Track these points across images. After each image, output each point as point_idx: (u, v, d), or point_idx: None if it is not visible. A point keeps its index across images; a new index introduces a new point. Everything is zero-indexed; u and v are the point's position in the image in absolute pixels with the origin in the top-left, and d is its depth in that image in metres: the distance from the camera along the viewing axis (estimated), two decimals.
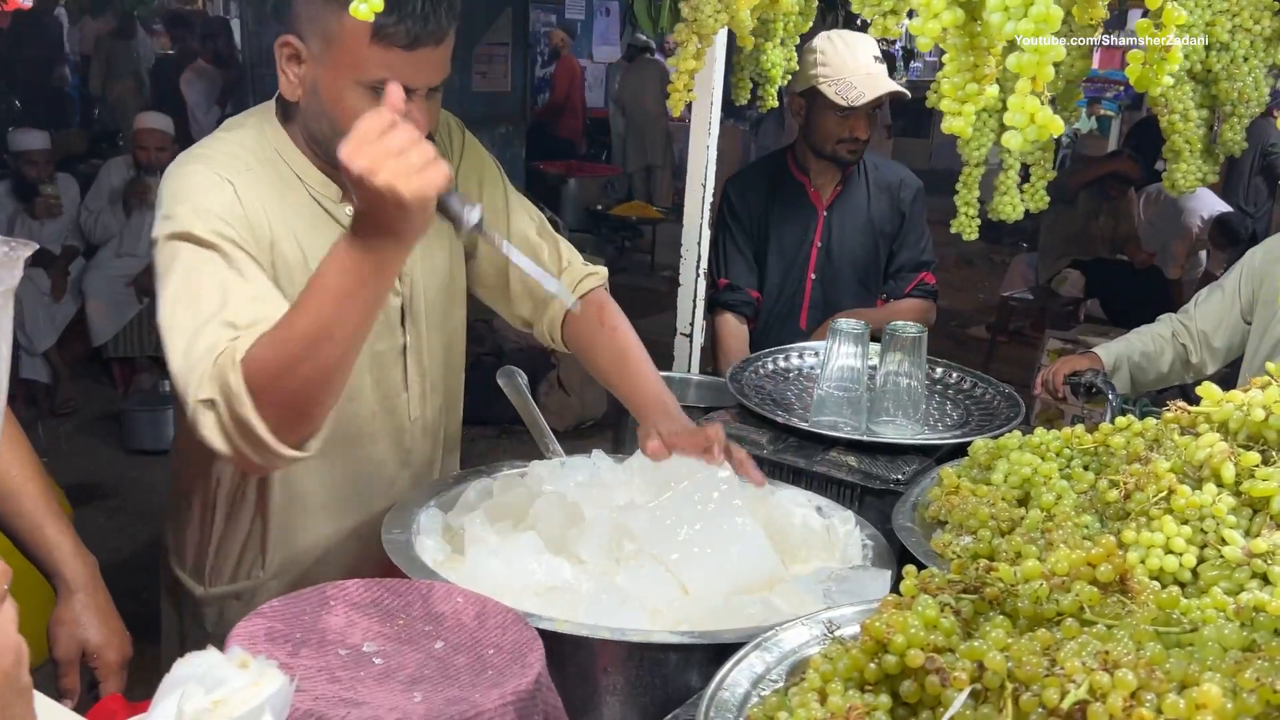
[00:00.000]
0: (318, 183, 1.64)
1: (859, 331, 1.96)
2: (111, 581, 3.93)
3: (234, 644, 1.06)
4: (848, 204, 2.88)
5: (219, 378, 1.35)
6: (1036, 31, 0.98)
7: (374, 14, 1.17)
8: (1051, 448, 1.62)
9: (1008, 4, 0.97)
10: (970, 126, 1.35)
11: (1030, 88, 1.03)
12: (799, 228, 2.87)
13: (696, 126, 2.35)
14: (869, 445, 1.91)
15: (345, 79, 1.49)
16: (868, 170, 2.90)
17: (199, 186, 1.53)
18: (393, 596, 1.27)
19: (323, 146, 1.59)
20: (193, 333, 1.39)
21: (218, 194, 1.53)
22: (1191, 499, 1.33)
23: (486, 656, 1.16)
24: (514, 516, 1.51)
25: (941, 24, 1.10)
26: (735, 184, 2.96)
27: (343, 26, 1.45)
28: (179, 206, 1.51)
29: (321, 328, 1.33)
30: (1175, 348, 2.66)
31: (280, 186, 1.60)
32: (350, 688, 1.08)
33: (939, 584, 1.07)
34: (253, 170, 1.58)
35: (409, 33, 1.45)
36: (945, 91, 1.33)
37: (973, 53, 1.21)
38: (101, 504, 4.59)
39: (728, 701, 1.03)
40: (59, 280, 5.54)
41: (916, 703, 0.91)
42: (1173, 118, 2.22)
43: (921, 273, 2.95)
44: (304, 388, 1.36)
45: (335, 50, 1.49)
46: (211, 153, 1.59)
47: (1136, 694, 0.82)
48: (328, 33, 1.48)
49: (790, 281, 2.89)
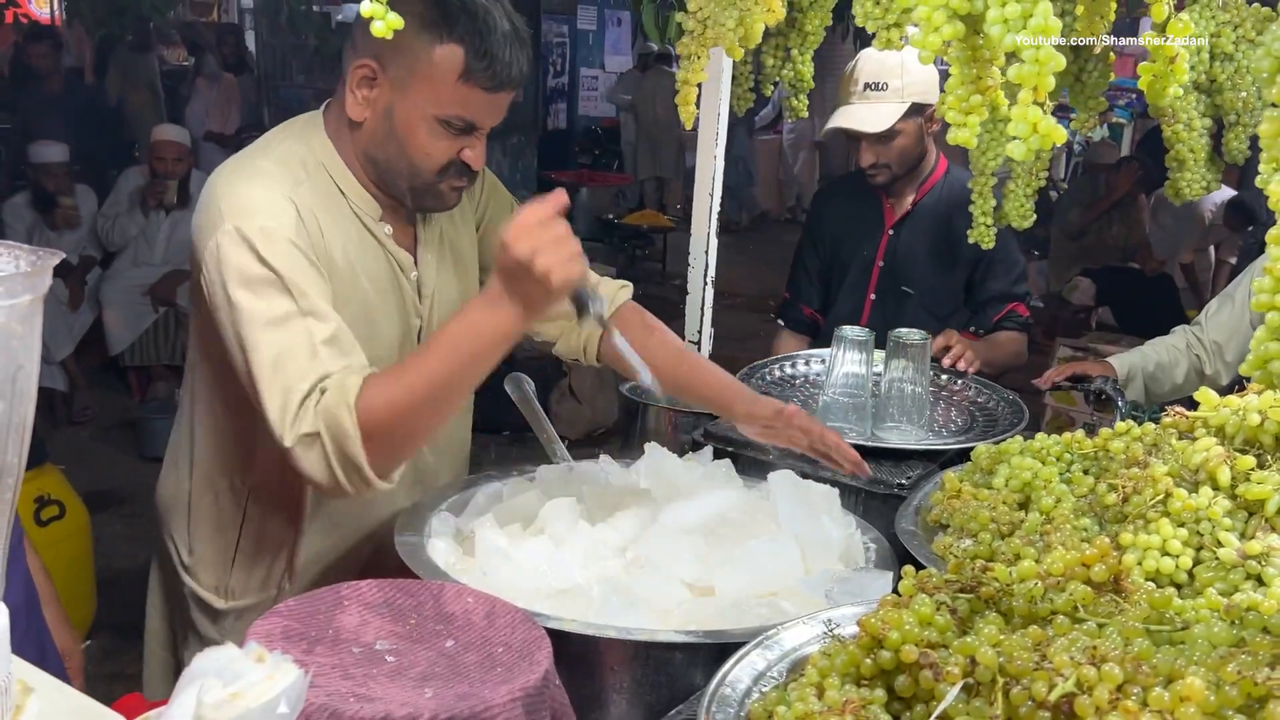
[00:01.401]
0: (359, 199, 1.67)
1: (863, 339, 1.99)
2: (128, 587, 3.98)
3: (251, 641, 1.09)
4: (918, 224, 2.75)
5: (327, 415, 1.43)
6: (1037, 43, 1.00)
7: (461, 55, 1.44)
8: (1052, 452, 1.64)
9: (1007, 16, 1.00)
10: (975, 137, 1.38)
11: (1032, 97, 1.06)
12: (865, 245, 2.78)
13: (704, 136, 2.38)
14: (873, 450, 1.93)
15: (424, 110, 1.56)
16: (954, 186, 2.72)
17: (264, 203, 1.55)
18: (405, 596, 1.30)
19: (378, 167, 1.64)
20: (288, 388, 1.45)
21: (283, 213, 1.55)
22: (1188, 502, 1.35)
23: (496, 654, 1.19)
24: (523, 520, 1.54)
25: (942, 37, 1.13)
26: (820, 197, 2.94)
27: (432, 62, 1.53)
28: (247, 222, 1.52)
29: (446, 383, 1.45)
30: (1189, 359, 2.67)
31: (327, 199, 1.64)
32: (363, 684, 1.12)
33: (936, 583, 1.10)
34: (303, 184, 1.61)
35: (495, 77, 1.55)
36: (950, 104, 1.36)
37: (975, 65, 1.24)
38: (118, 510, 4.64)
39: (729, 697, 1.06)
40: (76, 290, 5.61)
41: (911, 697, 0.94)
42: (1177, 127, 2.25)
43: (1011, 303, 2.76)
44: (415, 432, 1.48)
45: (419, 82, 1.55)
46: (269, 164, 1.62)
47: (1123, 687, 0.85)
48: (414, 65, 1.54)
49: (851, 299, 2.80)
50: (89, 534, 3.58)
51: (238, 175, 1.61)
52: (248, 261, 1.50)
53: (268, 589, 1.81)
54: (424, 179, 1.63)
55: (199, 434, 1.80)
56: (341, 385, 1.44)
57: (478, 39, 1.53)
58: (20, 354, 0.76)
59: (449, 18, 1.52)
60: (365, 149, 1.64)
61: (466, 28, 1.53)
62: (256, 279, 1.50)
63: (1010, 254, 2.74)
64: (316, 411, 1.43)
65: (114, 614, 3.75)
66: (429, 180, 1.63)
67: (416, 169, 1.62)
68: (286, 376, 1.45)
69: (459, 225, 1.85)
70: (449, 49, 1.53)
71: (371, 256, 1.67)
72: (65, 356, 5.52)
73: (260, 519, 1.77)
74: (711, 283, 2.45)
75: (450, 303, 1.82)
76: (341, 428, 1.42)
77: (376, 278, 1.68)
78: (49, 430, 5.24)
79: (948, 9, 1.07)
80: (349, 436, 1.42)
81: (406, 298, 1.74)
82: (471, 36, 1.53)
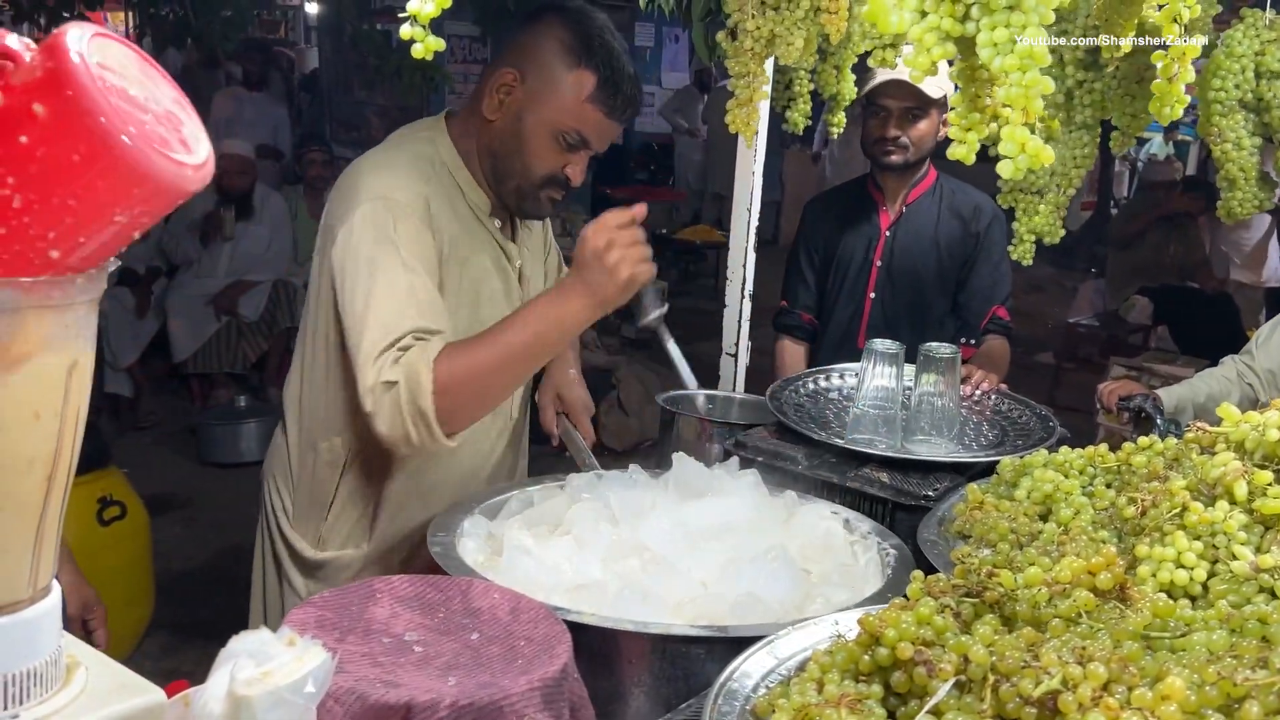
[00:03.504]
0: (475, 195, 1.91)
1: (894, 352, 2.02)
2: (186, 588, 4.11)
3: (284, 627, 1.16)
4: (913, 224, 2.86)
5: (408, 369, 1.63)
6: (1022, 66, 1.04)
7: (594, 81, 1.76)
8: (1076, 466, 1.67)
9: (996, 40, 1.04)
10: (974, 154, 1.42)
11: (1022, 119, 1.10)
12: (862, 246, 2.87)
13: (742, 152, 2.43)
14: (902, 462, 1.96)
15: (549, 121, 1.81)
16: (943, 193, 2.87)
17: (399, 187, 1.79)
18: (434, 591, 1.36)
19: (495, 160, 1.88)
20: (385, 326, 1.66)
21: (415, 199, 1.79)
22: (1204, 515, 1.36)
23: (518, 647, 1.25)
24: (550, 522, 1.60)
25: (932, 58, 1.17)
26: (813, 205, 3.05)
27: (567, 81, 1.80)
28: (385, 201, 1.76)
29: (515, 356, 1.67)
30: (1242, 388, 2.66)
31: (448, 194, 1.87)
32: (390, 671, 1.18)
33: (942, 588, 1.13)
34: (431, 180, 1.85)
35: (614, 107, 1.82)
36: (952, 120, 1.40)
37: (974, 85, 1.28)
38: (177, 514, 4.77)
39: (737, 691, 1.10)
40: (143, 299, 5.77)
41: (906, 693, 0.98)
42: (1225, 146, 2.25)
43: (993, 306, 2.87)
44: (481, 395, 1.70)
45: (551, 96, 1.80)
46: (403, 160, 1.86)
47: (1108, 686, 0.88)
48: (552, 80, 1.80)
49: (851, 300, 2.89)
50: (149, 535, 3.70)
51: (377, 167, 1.85)
52: (383, 229, 1.74)
53: (348, 546, 1.97)
54: (531, 181, 1.86)
55: (305, 397, 1.98)
56: (425, 345, 1.65)
57: (609, 70, 1.79)
58: (76, 350, 0.83)
59: (589, 49, 1.79)
60: (489, 145, 1.87)
61: (601, 60, 1.79)
62: (385, 241, 1.73)
63: (993, 253, 2.85)
64: (399, 363, 1.63)
65: (172, 614, 3.87)
66: (534, 184, 1.87)
67: (528, 170, 1.85)
68: (384, 323, 1.66)
69: (537, 255, 2.12)
70: (584, 74, 1.79)
71: (482, 245, 1.92)
72: (131, 363, 5.68)
73: (353, 479, 1.95)
74: (749, 296, 2.50)
75: (541, 283, 2.06)
76: (419, 380, 1.61)
77: (486, 264, 1.92)
78: (114, 434, 5.40)
79: (939, 31, 1.11)
80: (424, 389, 1.61)
81: (511, 284, 1.98)
82: (605, 68, 1.79)
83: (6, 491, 0.80)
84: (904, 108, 2.70)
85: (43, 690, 0.85)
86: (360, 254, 1.73)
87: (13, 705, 0.83)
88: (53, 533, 0.86)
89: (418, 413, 1.62)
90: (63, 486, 0.85)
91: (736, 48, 1.89)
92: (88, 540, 3.30)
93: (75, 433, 0.85)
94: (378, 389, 1.63)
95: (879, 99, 2.71)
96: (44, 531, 0.84)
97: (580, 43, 1.79)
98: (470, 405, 1.68)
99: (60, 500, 0.85)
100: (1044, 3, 1.02)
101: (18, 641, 0.83)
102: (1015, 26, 1.02)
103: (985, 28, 1.04)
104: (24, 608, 0.83)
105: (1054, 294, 9.40)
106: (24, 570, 0.83)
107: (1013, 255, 2.45)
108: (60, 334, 0.81)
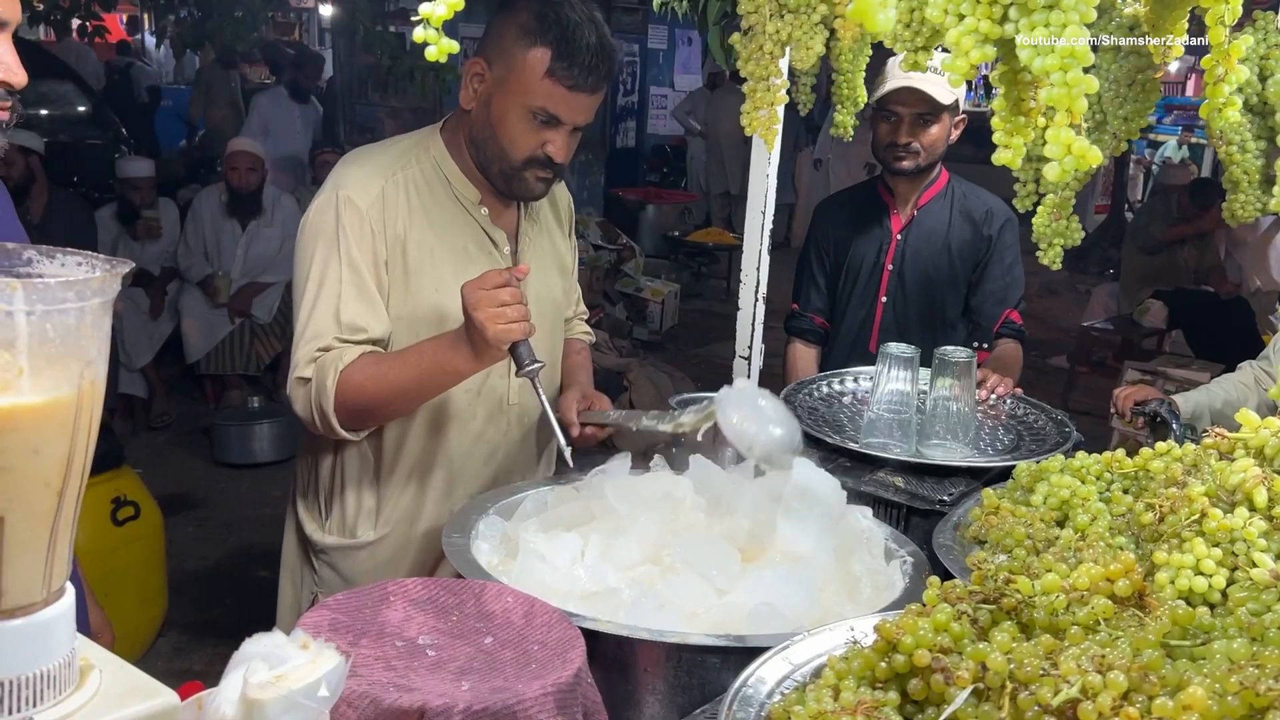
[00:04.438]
0: (461, 185, 1.98)
1: (909, 356, 2.01)
2: (199, 588, 4.12)
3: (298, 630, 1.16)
4: (925, 228, 2.83)
5: (319, 371, 1.81)
6: (1063, 66, 1.02)
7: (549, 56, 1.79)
8: (1092, 471, 1.65)
9: (1035, 41, 1.02)
10: (1020, 159, 1.41)
11: (1067, 120, 1.08)
12: (873, 250, 2.86)
13: (756, 154, 2.42)
14: (917, 467, 1.95)
15: (514, 101, 1.86)
16: (954, 197, 2.85)
17: (355, 179, 1.90)
18: (448, 594, 1.36)
19: (476, 148, 1.94)
20: (318, 321, 1.83)
21: (367, 191, 1.89)
22: (1223, 522, 1.35)
23: (531, 651, 1.24)
24: (566, 525, 1.60)
25: (970, 61, 1.15)
26: (823, 208, 3.04)
27: (524, 61, 1.83)
28: (339, 191, 1.88)
29: (403, 389, 1.83)
30: (1258, 394, 2.63)
31: (429, 183, 1.95)
32: (404, 675, 1.17)
33: (959, 594, 1.12)
34: (408, 170, 1.94)
35: (573, 78, 1.84)
36: (996, 125, 1.39)
37: (1016, 88, 1.27)
38: (190, 514, 4.78)
39: (752, 698, 1.09)
40: (157, 300, 5.79)
41: (923, 700, 0.97)
42: (1230, 149, 2.23)
43: (1006, 310, 2.84)
44: (373, 414, 1.87)
45: (513, 77, 1.85)
46: (380, 154, 1.97)
47: (1128, 695, 0.87)
48: (511, 62, 1.85)
49: (863, 304, 2.88)
50: (162, 535, 3.71)
51: (352, 159, 1.97)
52: (334, 221, 1.86)
53: (356, 534, 2.02)
54: (511, 163, 1.91)
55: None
56: (341, 352, 1.81)
57: (564, 45, 1.82)
58: (90, 351, 0.83)
59: (543, 26, 1.83)
60: (470, 134, 1.94)
61: (555, 35, 1.82)
62: (335, 235, 1.86)
63: (1005, 256, 2.83)
64: (314, 363, 1.82)
65: (184, 614, 3.88)
66: (515, 165, 1.91)
67: (505, 153, 1.90)
68: (316, 325, 1.83)
69: (556, 233, 2.16)
70: (539, 50, 1.83)
71: (466, 234, 1.97)
72: (145, 364, 5.70)
73: (355, 465, 2.01)
74: (763, 299, 2.49)
75: (554, 297, 2.13)
76: (324, 384, 1.80)
77: (467, 251, 1.97)
78: (128, 434, 5.42)
79: (978, 34, 1.09)
80: (327, 393, 1.80)
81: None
82: (558, 43, 1.82)
83: (20, 495, 0.80)
84: (915, 113, 2.68)
85: (56, 693, 0.84)
86: (312, 243, 1.88)
87: (26, 708, 0.83)
88: (66, 535, 0.86)
89: (320, 410, 1.81)
90: (76, 490, 0.85)
91: (753, 50, 1.87)
92: (101, 540, 3.31)
93: (89, 436, 0.84)
94: (295, 383, 1.84)
95: (890, 104, 2.69)
96: (58, 534, 0.84)
97: (535, 20, 1.83)
98: (364, 417, 1.86)
99: (74, 503, 0.85)
100: (1084, 1, 1.00)
101: (31, 644, 0.83)
102: (1055, 26, 1.00)
103: (1024, 29, 1.03)
104: (38, 610, 0.83)
105: (1068, 297, 9.36)
106: (38, 573, 0.83)
107: (1041, 260, 2.42)
108: (73, 336, 0.81)
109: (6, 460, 0.78)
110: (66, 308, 0.79)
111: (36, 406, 0.79)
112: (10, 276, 0.85)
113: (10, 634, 0.81)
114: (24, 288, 0.77)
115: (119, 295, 0.86)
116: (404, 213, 1.91)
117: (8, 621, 0.81)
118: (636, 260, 7.92)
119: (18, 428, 0.78)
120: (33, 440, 0.79)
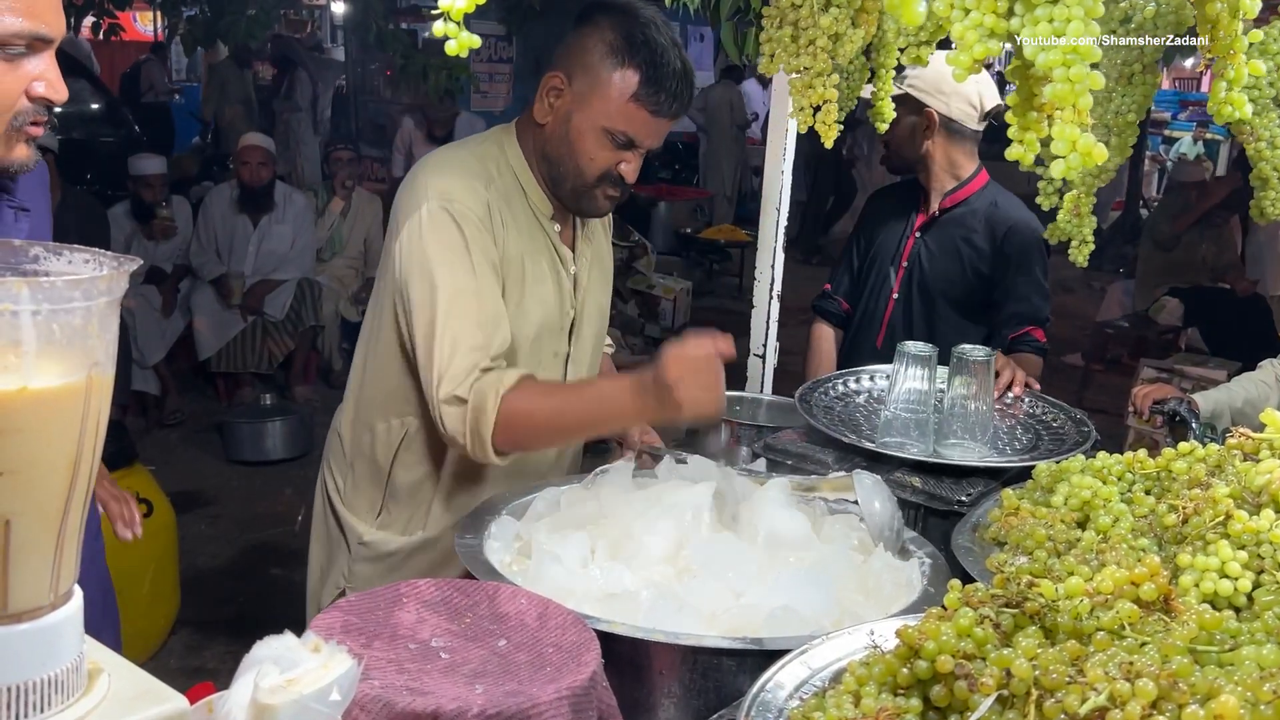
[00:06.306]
0: (536, 197, 1.96)
1: (926, 354, 1.98)
2: (211, 585, 4.12)
3: (309, 632, 1.14)
4: (944, 231, 2.75)
5: (478, 395, 1.74)
6: (1067, 62, 1.01)
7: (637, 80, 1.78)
8: (1114, 472, 1.63)
9: (1039, 35, 1.00)
10: (1033, 154, 1.38)
11: (1073, 117, 1.06)
12: (894, 243, 2.83)
13: (771, 152, 2.40)
14: (934, 467, 1.93)
15: (596, 121, 1.84)
16: (985, 204, 2.72)
17: (462, 190, 1.85)
18: (461, 596, 1.34)
19: (550, 165, 1.92)
20: (456, 339, 1.77)
21: (477, 203, 1.85)
22: (1249, 524, 1.33)
23: (546, 654, 1.23)
24: (579, 525, 1.58)
25: (974, 56, 1.13)
26: (874, 197, 3.05)
27: (610, 81, 1.82)
28: (449, 203, 1.83)
29: (576, 425, 1.86)
30: (1279, 393, 2.61)
31: (510, 195, 1.93)
32: (417, 678, 1.16)
33: (981, 598, 1.10)
34: (494, 182, 1.91)
35: (658, 104, 1.83)
36: (1009, 120, 1.36)
37: (1027, 83, 1.24)
38: (202, 512, 4.78)
39: (770, 703, 1.08)
40: (169, 297, 5.79)
41: (946, 707, 0.95)
42: (1259, 145, 2.20)
43: (1028, 327, 2.68)
44: (534, 440, 1.87)
45: (597, 97, 1.83)
46: (470, 161, 1.91)
47: (1157, 703, 0.85)
48: (596, 81, 1.83)
49: (877, 298, 2.84)
50: (175, 533, 3.71)
51: (442, 165, 1.90)
52: (448, 232, 1.81)
53: (410, 532, 2.01)
54: (585, 181, 1.89)
55: (366, 381, 2.03)
56: (500, 375, 1.76)
57: (652, 69, 1.81)
58: (97, 351, 0.81)
59: (632, 48, 1.81)
60: (543, 148, 1.92)
61: (644, 58, 1.81)
62: (452, 247, 1.80)
63: (1028, 276, 2.69)
64: (473, 384, 1.74)
65: (197, 611, 3.88)
66: (588, 183, 1.89)
67: (580, 171, 1.88)
68: (455, 336, 1.76)
69: (602, 239, 2.15)
70: (627, 73, 1.81)
71: (540, 248, 1.96)
72: (157, 361, 5.70)
73: (409, 464, 1.99)
74: (777, 297, 2.47)
75: (598, 305, 2.11)
76: (484, 407, 1.73)
77: (541, 267, 1.95)
78: (140, 431, 5.42)
79: (982, 28, 1.07)
80: (487, 418, 1.73)
81: (564, 290, 2.01)
82: (647, 66, 1.81)
83: (27, 498, 0.78)
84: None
85: (64, 698, 0.83)
86: (428, 257, 1.80)
87: (34, 713, 0.81)
88: (74, 538, 0.84)
89: (477, 434, 1.74)
90: (84, 492, 0.83)
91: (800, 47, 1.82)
92: (113, 538, 3.30)
93: (96, 438, 0.83)
94: (449, 401, 1.76)
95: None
96: (65, 537, 0.82)
97: (623, 41, 1.81)
98: (523, 444, 1.83)
99: (81, 506, 0.83)
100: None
101: (39, 648, 0.81)
102: (1059, 21, 0.98)
103: (1028, 24, 1.01)
104: (45, 614, 0.82)
105: (1083, 294, 9.31)
106: (45, 576, 0.81)
107: (1070, 257, 2.36)
108: (79, 336, 0.80)
109: (11, 463, 0.77)
110: (73, 307, 0.78)
111: (42, 408, 0.77)
112: (17, 275, 0.84)
113: (17, 638, 0.80)
114: (30, 287, 0.76)
115: (131, 292, 0.85)
116: (499, 225, 1.89)
117: (14, 626, 0.80)
118: (648, 258, 7.90)
119: (23, 429, 0.77)
120: (38, 442, 0.78)
